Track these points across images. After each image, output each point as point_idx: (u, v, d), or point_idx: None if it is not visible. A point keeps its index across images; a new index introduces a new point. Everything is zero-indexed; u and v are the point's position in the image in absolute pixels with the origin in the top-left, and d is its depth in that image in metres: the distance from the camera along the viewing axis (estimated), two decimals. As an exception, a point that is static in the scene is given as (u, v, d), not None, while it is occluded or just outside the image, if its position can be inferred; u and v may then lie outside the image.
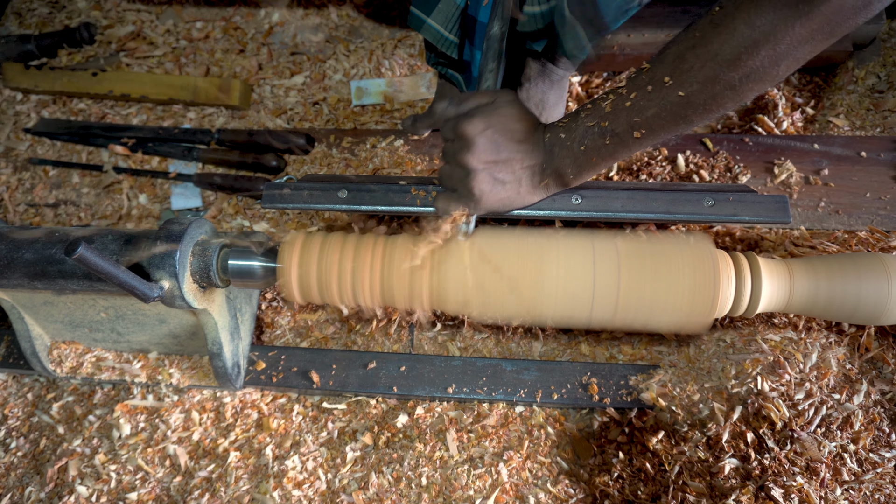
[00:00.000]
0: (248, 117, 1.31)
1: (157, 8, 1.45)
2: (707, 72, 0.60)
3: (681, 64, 0.61)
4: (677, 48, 0.62)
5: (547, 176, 0.73)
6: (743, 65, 0.59)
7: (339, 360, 0.98)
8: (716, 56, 0.59)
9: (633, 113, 0.65)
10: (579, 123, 0.69)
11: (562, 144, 0.70)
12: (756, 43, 0.57)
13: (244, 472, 0.94)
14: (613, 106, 0.66)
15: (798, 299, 0.79)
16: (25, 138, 1.32)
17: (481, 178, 0.72)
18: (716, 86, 0.61)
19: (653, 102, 0.64)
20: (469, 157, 0.71)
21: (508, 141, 0.71)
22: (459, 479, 0.90)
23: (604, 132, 0.68)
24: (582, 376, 0.94)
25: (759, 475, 0.78)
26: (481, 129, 0.70)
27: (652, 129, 0.66)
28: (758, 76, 0.59)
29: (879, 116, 1.16)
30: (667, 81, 0.63)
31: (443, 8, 0.91)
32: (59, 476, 0.95)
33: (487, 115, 0.71)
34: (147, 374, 0.97)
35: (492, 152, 0.70)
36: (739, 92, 0.61)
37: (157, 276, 0.76)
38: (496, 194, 0.73)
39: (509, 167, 0.72)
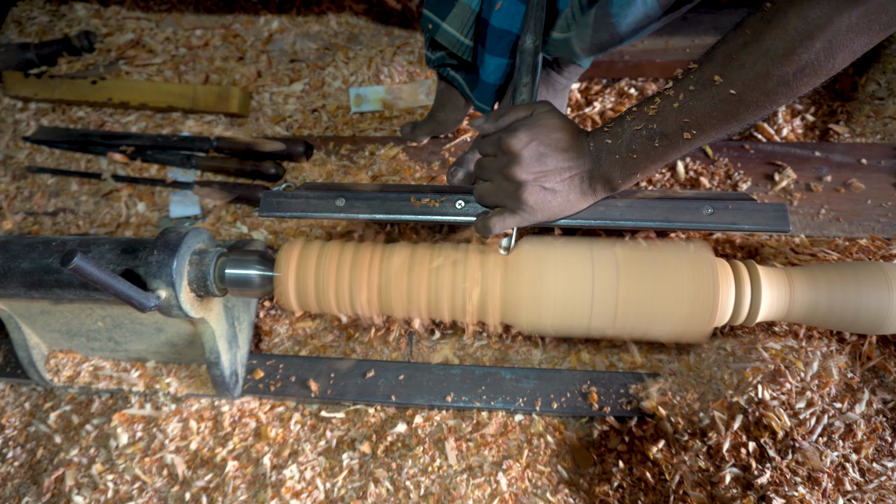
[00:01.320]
0: (247, 125, 1.31)
1: (156, 16, 1.45)
2: (759, 68, 0.59)
3: (732, 62, 0.61)
4: (727, 47, 0.62)
5: (595, 181, 0.73)
6: (797, 59, 0.58)
7: (338, 369, 0.97)
8: (768, 52, 0.58)
9: (682, 114, 0.65)
10: (625, 128, 0.69)
11: (608, 149, 0.70)
12: (810, 36, 0.56)
13: (242, 481, 0.93)
14: (661, 108, 0.66)
15: (798, 308, 0.79)
16: (25, 146, 1.32)
17: (532, 189, 0.72)
18: (769, 82, 0.60)
19: (703, 102, 0.64)
20: (517, 170, 0.71)
21: (554, 151, 0.71)
22: (458, 489, 0.90)
23: (652, 135, 0.67)
24: (581, 384, 0.93)
25: (760, 486, 0.77)
26: (526, 142, 0.70)
27: (702, 129, 0.65)
28: (812, 70, 0.58)
29: (880, 123, 1.16)
30: (717, 80, 0.62)
31: (458, 13, 0.91)
32: (56, 486, 0.95)
33: (530, 128, 0.71)
34: (145, 382, 0.97)
35: (539, 164, 0.71)
36: (793, 87, 0.60)
37: (153, 285, 0.75)
38: (547, 204, 0.73)
39: (558, 176, 0.72)
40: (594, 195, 0.75)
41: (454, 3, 0.91)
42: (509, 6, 0.88)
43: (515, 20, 0.88)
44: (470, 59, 0.96)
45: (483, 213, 0.78)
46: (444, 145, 1.17)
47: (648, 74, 1.22)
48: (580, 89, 1.23)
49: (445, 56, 1.01)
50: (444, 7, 0.93)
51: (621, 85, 1.24)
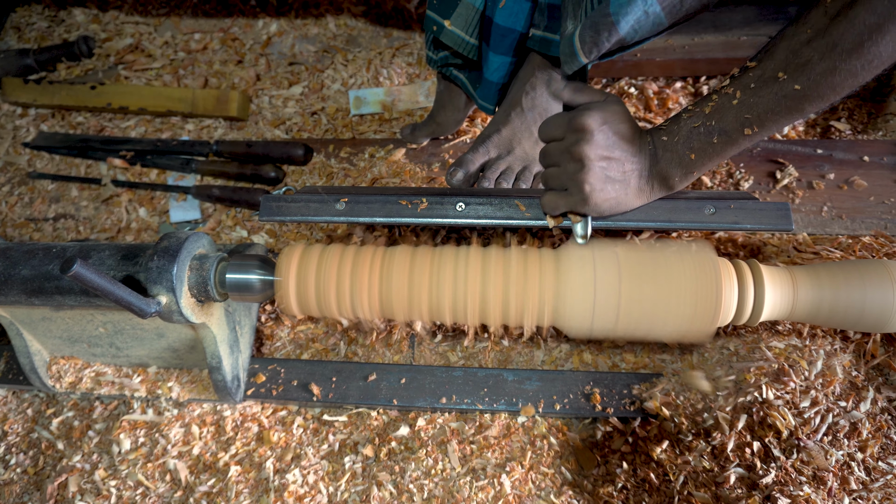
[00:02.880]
0: (246, 128, 1.30)
1: (155, 20, 1.45)
2: (826, 63, 0.60)
3: (796, 59, 0.61)
4: (788, 43, 0.62)
5: (652, 178, 0.74)
6: (866, 52, 0.58)
7: (340, 372, 0.97)
8: (836, 47, 0.59)
9: (742, 110, 0.65)
10: (682, 125, 0.69)
11: (665, 147, 0.71)
12: (879, 28, 0.57)
13: (245, 486, 0.93)
14: (719, 105, 0.67)
15: (802, 308, 0.79)
16: (24, 152, 1.32)
17: (595, 172, 0.72)
18: (836, 76, 0.60)
19: (765, 98, 0.64)
20: (586, 148, 0.70)
21: (620, 140, 0.71)
22: (462, 492, 0.89)
23: (711, 132, 0.68)
24: (584, 385, 0.93)
25: (765, 485, 0.77)
26: (600, 123, 0.70)
27: (763, 125, 0.66)
28: (880, 61, 0.59)
29: (881, 120, 1.15)
30: (781, 77, 0.63)
31: (462, 12, 0.91)
32: (60, 492, 0.95)
33: (604, 111, 0.71)
34: (146, 388, 0.97)
35: (607, 148, 0.71)
36: (860, 78, 0.61)
37: (154, 291, 0.75)
38: (606, 192, 0.73)
39: (620, 166, 0.72)
40: (650, 193, 0.75)
41: (458, 2, 0.91)
42: (513, 4, 0.88)
43: (519, 18, 0.88)
44: (475, 58, 0.96)
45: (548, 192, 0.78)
46: (444, 147, 1.17)
47: (648, 73, 1.21)
48: (580, 89, 1.23)
49: (449, 56, 1.01)
50: (448, 7, 0.92)
51: (621, 84, 1.23)
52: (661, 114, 1.19)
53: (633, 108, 1.20)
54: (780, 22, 1.18)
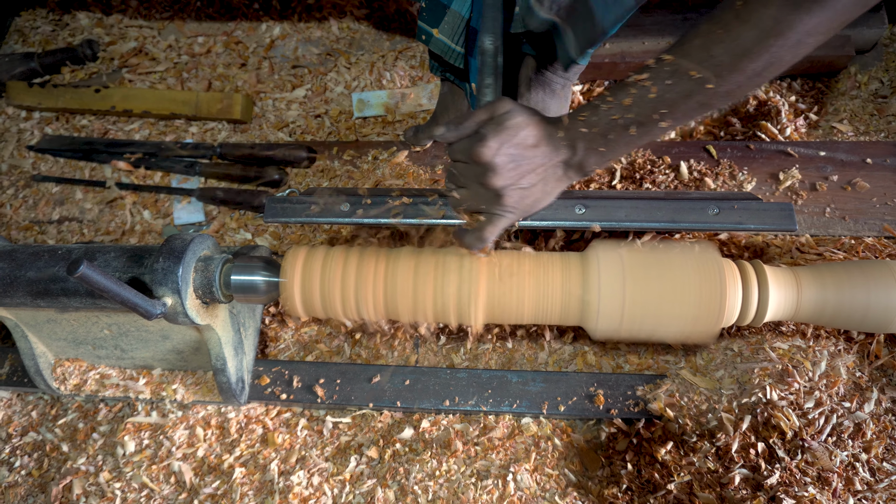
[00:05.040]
0: (250, 131, 1.31)
1: (158, 24, 1.46)
2: (734, 63, 0.63)
3: (708, 58, 0.64)
4: (703, 41, 0.64)
5: (570, 169, 0.75)
6: (769, 55, 0.61)
7: (344, 374, 0.97)
8: (743, 48, 0.62)
9: (658, 104, 0.67)
10: (601, 116, 0.70)
11: (584, 138, 0.71)
12: (781, 34, 0.60)
13: (249, 488, 0.93)
14: (637, 98, 0.68)
15: (806, 308, 0.79)
16: (29, 155, 1.32)
17: (511, 193, 0.72)
18: (742, 75, 0.63)
19: (679, 94, 0.66)
20: (494, 178, 0.71)
21: (525, 150, 0.71)
22: (467, 493, 0.89)
23: (628, 123, 0.69)
24: (588, 387, 0.93)
25: (770, 486, 0.77)
26: (496, 149, 0.70)
27: (676, 118, 0.68)
28: (780, 63, 0.63)
29: (883, 121, 1.15)
30: (694, 74, 0.64)
31: (449, 20, 0.92)
32: (64, 495, 0.95)
33: (496, 133, 0.71)
34: (151, 390, 0.97)
35: (514, 167, 0.71)
36: (763, 78, 0.64)
37: (159, 292, 0.75)
38: (527, 200, 0.74)
39: (533, 173, 0.73)
40: (568, 180, 0.77)
41: (445, 11, 0.91)
42: None
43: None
44: (462, 66, 0.97)
45: (462, 229, 0.78)
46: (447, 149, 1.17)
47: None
48: (582, 91, 1.23)
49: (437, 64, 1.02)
50: (437, 16, 0.93)
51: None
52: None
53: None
54: (781, 24, 1.18)
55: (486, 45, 0.83)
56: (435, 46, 0.96)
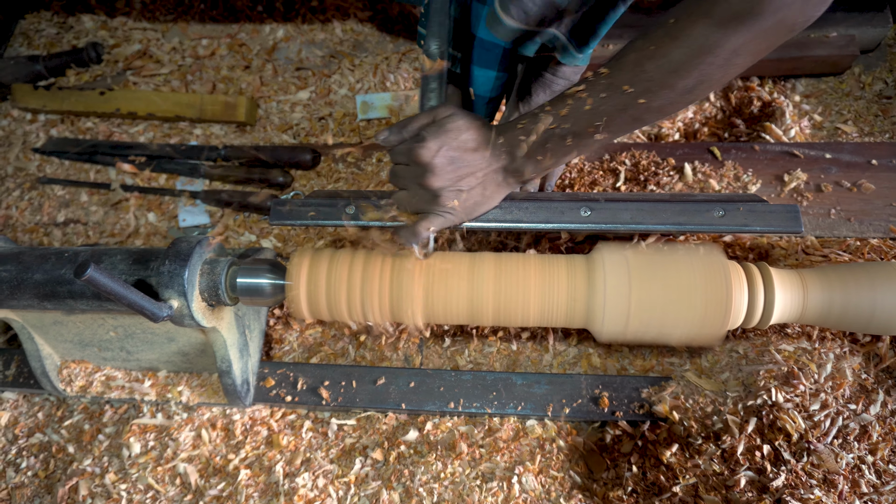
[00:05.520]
0: (254, 133, 1.31)
1: (163, 26, 1.46)
2: (666, 79, 0.64)
3: (641, 73, 0.65)
4: (636, 56, 0.66)
5: (509, 175, 0.76)
6: (698, 73, 0.63)
7: (349, 376, 0.97)
8: (673, 66, 0.63)
9: (593, 117, 0.69)
10: (539, 125, 0.71)
11: (521, 146, 0.73)
12: (710, 53, 0.61)
13: (255, 489, 0.93)
14: (573, 110, 0.69)
15: (812, 310, 0.79)
16: (34, 158, 1.32)
17: (449, 194, 0.74)
18: (673, 92, 0.65)
19: (613, 107, 0.67)
20: (432, 179, 0.72)
21: (464, 153, 0.72)
22: (472, 495, 0.89)
23: (564, 134, 0.70)
24: (593, 389, 0.93)
25: (776, 489, 0.77)
26: (435, 150, 0.71)
27: (611, 130, 0.70)
28: (711, 81, 0.64)
29: (888, 122, 1.15)
30: (626, 89, 0.66)
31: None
32: (70, 496, 0.95)
33: (436, 135, 0.72)
34: (157, 392, 0.97)
35: (452, 169, 0.72)
36: (694, 95, 0.66)
37: (165, 295, 0.76)
38: (466, 203, 0.76)
39: (473, 176, 0.74)
40: (507, 187, 0.78)
41: None
42: None
43: None
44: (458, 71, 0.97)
45: (401, 225, 0.79)
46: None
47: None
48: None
49: None
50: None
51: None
52: (668, 117, 1.19)
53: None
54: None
55: (431, 49, 0.84)
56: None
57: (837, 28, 1.18)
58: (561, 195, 0.86)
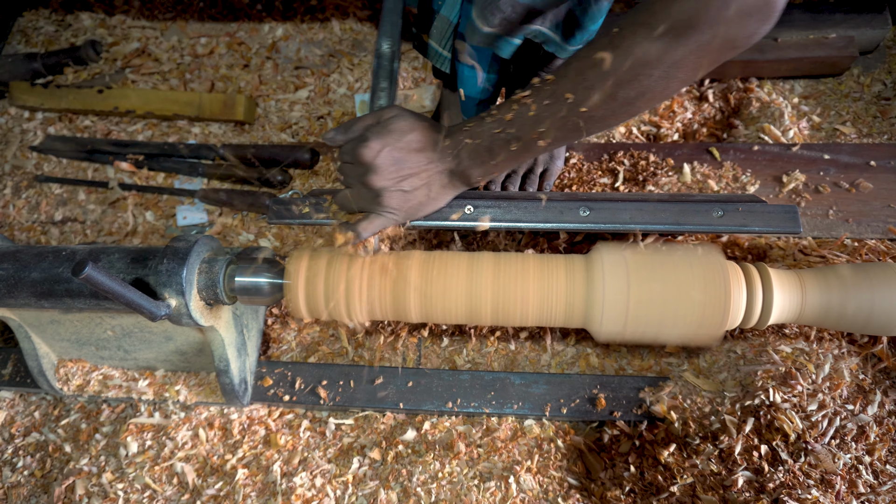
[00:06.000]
0: (252, 132, 1.31)
1: (161, 24, 1.46)
2: (607, 89, 0.63)
3: (583, 81, 0.64)
4: (579, 64, 0.65)
5: (455, 177, 0.76)
6: (638, 84, 0.62)
7: (347, 376, 0.97)
8: (614, 76, 0.62)
9: (537, 123, 0.68)
10: (485, 129, 0.71)
11: (468, 149, 0.73)
12: (650, 65, 0.61)
13: (252, 489, 0.93)
14: (518, 115, 0.69)
15: (810, 311, 0.79)
16: (32, 156, 1.32)
17: (392, 194, 0.74)
18: (614, 102, 0.64)
19: (555, 115, 0.67)
20: (374, 178, 0.73)
21: (408, 153, 0.73)
22: (469, 495, 0.89)
23: (509, 139, 0.70)
24: (591, 389, 0.93)
25: (773, 489, 0.77)
26: (378, 150, 0.72)
27: (555, 138, 0.70)
28: (652, 94, 0.63)
29: (886, 123, 1.15)
30: (568, 98, 0.66)
31: (438, 25, 0.93)
32: (67, 495, 0.95)
33: (380, 135, 0.73)
34: (154, 391, 0.97)
35: (395, 169, 0.73)
36: (635, 107, 0.65)
37: (164, 293, 0.75)
38: (410, 203, 0.76)
39: (416, 177, 0.74)
40: (454, 189, 0.78)
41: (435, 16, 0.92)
42: None
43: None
44: (447, 72, 0.97)
45: (344, 223, 0.79)
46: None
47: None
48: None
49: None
50: (427, 21, 0.94)
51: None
52: (666, 116, 1.19)
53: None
54: (784, 24, 1.18)
55: (383, 49, 0.84)
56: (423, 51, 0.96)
57: (836, 29, 1.18)
58: (560, 195, 0.86)
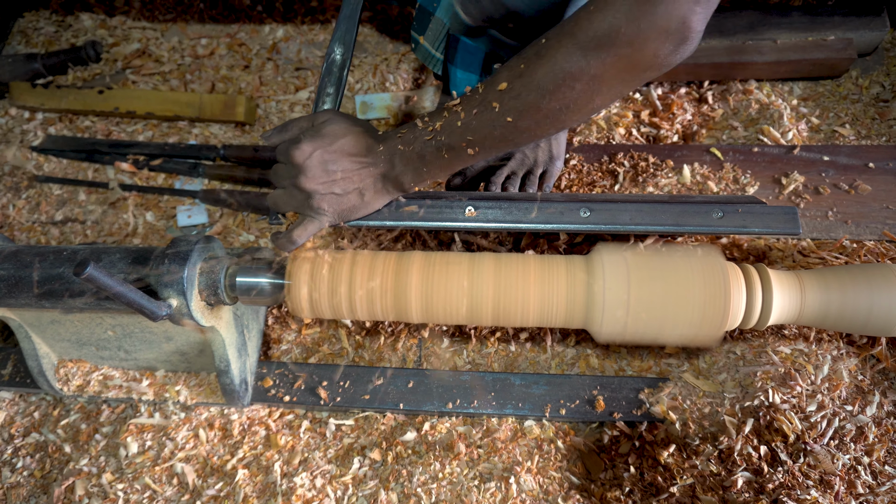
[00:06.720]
0: (253, 133, 1.31)
1: (162, 25, 1.46)
2: (531, 100, 0.64)
3: (509, 91, 0.65)
4: (508, 74, 0.66)
5: (388, 183, 0.76)
6: (562, 96, 0.62)
7: (347, 376, 0.97)
8: (539, 86, 0.63)
9: (466, 132, 0.68)
10: (417, 136, 0.72)
11: (401, 155, 0.73)
12: (573, 77, 0.61)
13: (252, 489, 0.93)
14: (447, 123, 0.69)
15: (809, 311, 0.79)
16: (32, 156, 1.32)
17: (323, 197, 0.75)
18: (538, 114, 0.64)
19: (483, 125, 0.67)
20: (305, 181, 0.74)
21: (340, 157, 0.73)
22: (469, 496, 0.90)
23: (441, 146, 0.70)
24: (591, 390, 0.93)
25: (772, 489, 0.77)
26: (309, 153, 0.73)
27: (484, 147, 0.70)
28: (576, 107, 0.64)
29: (885, 125, 1.16)
30: (495, 107, 0.66)
31: (433, 27, 0.93)
32: (67, 496, 0.95)
33: (312, 138, 0.73)
34: (154, 391, 0.97)
35: (325, 172, 0.73)
36: (559, 120, 0.65)
37: (165, 294, 0.75)
38: (342, 206, 0.77)
39: (348, 180, 0.75)
40: (388, 194, 0.79)
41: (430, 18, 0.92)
42: None
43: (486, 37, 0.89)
44: (440, 73, 0.98)
45: (277, 233, 0.81)
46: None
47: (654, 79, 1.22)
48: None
49: None
50: (423, 23, 0.94)
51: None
52: (666, 118, 1.20)
53: (637, 112, 1.21)
54: (783, 26, 1.19)
55: (334, 55, 0.85)
56: (419, 54, 0.97)
57: (835, 31, 1.18)
58: (560, 196, 0.86)
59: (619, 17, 0.57)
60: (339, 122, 0.75)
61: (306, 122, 0.77)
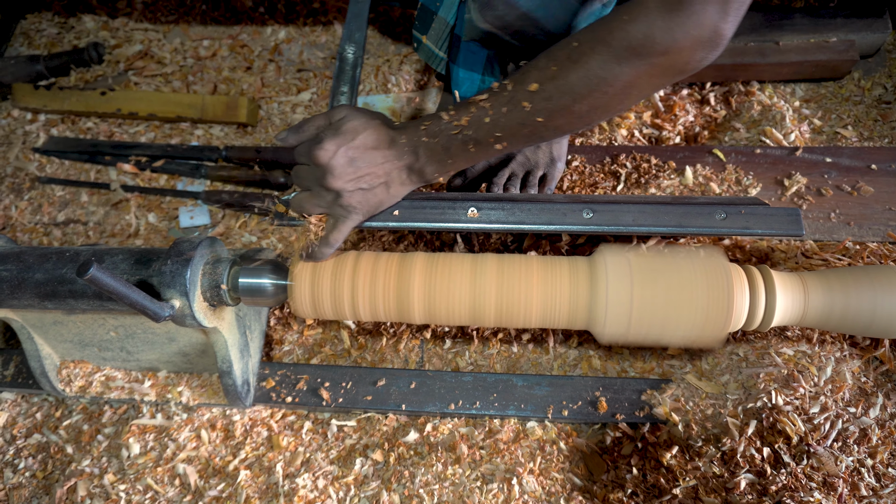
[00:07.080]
0: (255, 134, 1.31)
1: (164, 27, 1.46)
2: (563, 102, 0.65)
3: (541, 92, 0.66)
4: (538, 75, 0.67)
5: (413, 173, 0.77)
6: (594, 100, 0.65)
7: (349, 377, 0.97)
8: (572, 90, 0.64)
9: (494, 128, 0.70)
10: (442, 129, 0.72)
11: (426, 147, 0.74)
12: (607, 83, 0.63)
13: (254, 490, 0.93)
14: (475, 119, 0.70)
15: (813, 313, 0.79)
16: (34, 158, 1.32)
17: (350, 194, 0.75)
18: (570, 115, 0.66)
19: (512, 122, 0.69)
20: (332, 180, 0.73)
21: (364, 152, 0.73)
22: (472, 497, 0.89)
23: (467, 140, 0.72)
24: (594, 391, 0.93)
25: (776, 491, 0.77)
26: (333, 151, 0.72)
27: (511, 142, 0.71)
28: (605, 109, 0.66)
29: (887, 127, 1.16)
30: (526, 106, 0.67)
31: (436, 27, 0.93)
32: (69, 497, 0.95)
33: (334, 136, 0.73)
34: (156, 392, 0.97)
35: (352, 169, 0.73)
36: (589, 120, 0.68)
37: (167, 295, 0.76)
38: (368, 201, 0.77)
39: (374, 175, 0.75)
40: (411, 184, 0.79)
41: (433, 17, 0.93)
42: None
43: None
44: (443, 72, 0.98)
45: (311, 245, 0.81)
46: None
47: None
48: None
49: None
50: (426, 23, 0.94)
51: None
52: (668, 119, 1.20)
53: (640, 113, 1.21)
54: (785, 28, 1.19)
55: (346, 54, 0.85)
56: (422, 53, 0.97)
57: (837, 33, 1.18)
58: (563, 197, 0.86)
59: (654, 27, 0.59)
60: (357, 116, 0.75)
61: (323, 120, 0.77)
